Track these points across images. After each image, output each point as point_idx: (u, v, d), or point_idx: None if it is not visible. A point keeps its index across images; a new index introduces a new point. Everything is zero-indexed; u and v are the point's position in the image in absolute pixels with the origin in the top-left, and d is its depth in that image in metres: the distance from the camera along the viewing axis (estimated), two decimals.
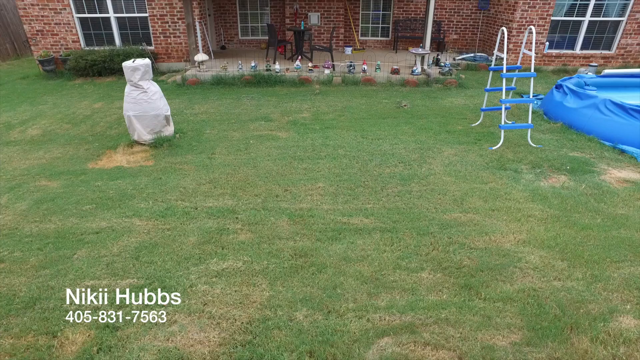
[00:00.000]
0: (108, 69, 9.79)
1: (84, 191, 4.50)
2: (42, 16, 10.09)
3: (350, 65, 9.22)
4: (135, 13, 10.16)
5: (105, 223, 3.88)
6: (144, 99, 5.47)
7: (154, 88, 5.58)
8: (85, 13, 10.15)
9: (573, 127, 6.30)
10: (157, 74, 9.88)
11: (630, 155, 5.34)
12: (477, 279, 3.12)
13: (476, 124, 6.58)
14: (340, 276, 3.16)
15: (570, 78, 7.35)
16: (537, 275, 3.17)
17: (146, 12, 10.11)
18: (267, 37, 11.65)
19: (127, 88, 5.51)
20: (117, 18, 10.20)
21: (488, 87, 6.39)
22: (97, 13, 10.15)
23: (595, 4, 10.25)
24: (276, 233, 3.71)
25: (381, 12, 12.34)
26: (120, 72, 9.55)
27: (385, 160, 5.22)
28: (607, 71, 7.74)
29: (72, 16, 10.10)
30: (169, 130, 5.88)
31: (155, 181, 4.71)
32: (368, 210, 4.08)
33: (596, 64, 9.95)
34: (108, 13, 10.13)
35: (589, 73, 8.64)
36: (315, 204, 4.18)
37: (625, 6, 10.29)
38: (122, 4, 10.08)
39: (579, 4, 10.30)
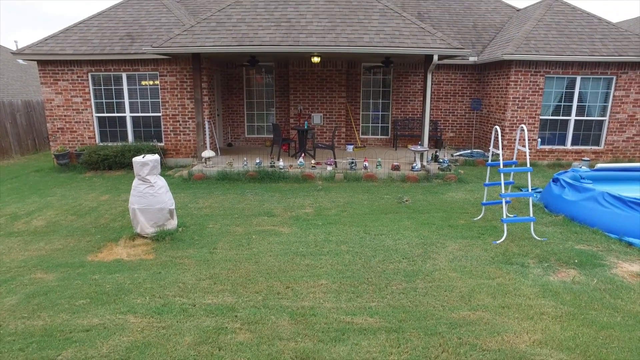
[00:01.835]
0: (118, 163, 10.18)
1: (79, 285, 4.37)
2: (65, 115, 10.82)
3: (352, 162, 9.57)
4: (149, 113, 10.88)
5: (97, 320, 3.70)
6: (150, 192, 5.59)
7: (160, 182, 5.74)
8: (103, 113, 10.89)
9: (575, 219, 6.33)
10: (165, 169, 10.24)
11: (639, 248, 5.27)
12: None
13: (478, 218, 6.61)
14: None
15: (566, 172, 7.60)
16: None
17: (160, 112, 10.83)
18: (272, 136, 12.31)
19: (135, 182, 5.66)
20: (132, 117, 10.91)
21: (487, 181, 6.55)
22: (114, 113, 10.89)
23: (578, 105, 11.05)
24: (277, 333, 3.51)
25: (380, 113, 13.17)
26: (129, 166, 9.93)
27: (388, 256, 5.15)
28: (599, 165, 8.02)
29: (92, 115, 10.82)
30: (172, 224, 5.91)
31: (154, 275, 4.60)
32: (372, 308, 3.91)
33: (588, 159, 10.37)
34: (124, 113, 10.86)
35: (582, 167, 8.95)
36: (317, 302, 4.02)
37: (605, 107, 11.10)
38: (139, 105, 10.85)
39: (563, 105, 11.10)
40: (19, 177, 10.09)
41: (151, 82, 10.74)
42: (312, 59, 10.59)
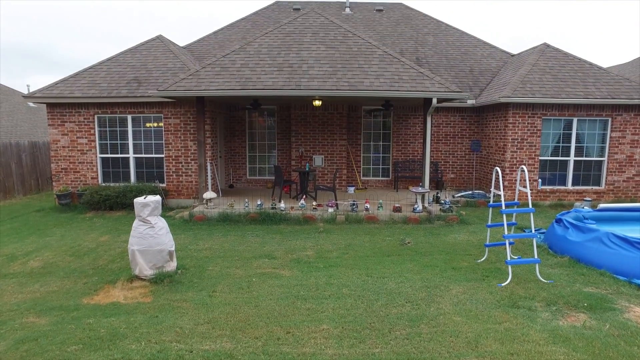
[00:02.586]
0: (120, 204, 10.18)
1: (72, 329, 4.23)
2: (70, 156, 10.96)
3: (353, 204, 9.55)
4: (152, 154, 11.01)
5: None
6: (150, 233, 5.55)
7: (161, 223, 5.71)
8: (107, 154, 11.03)
9: (581, 260, 6.22)
10: (166, 210, 10.21)
11: None
12: None
13: (482, 259, 6.50)
14: None
15: (569, 212, 7.56)
16: None
17: (162, 154, 10.96)
18: (273, 177, 12.37)
19: (135, 223, 5.63)
20: (136, 158, 11.04)
21: (489, 222, 6.50)
22: (118, 154, 11.02)
23: (576, 146, 11.19)
24: None
25: (381, 155, 13.31)
26: (130, 206, 9.90)
27: (391, 299, 5.02)
28: (602, 205, 7.98)
29: (96, 156, 10.96)
30: (172, 265, 5.81)
31: (151, 319, 4.46)
32: (376, 355, 3.75)
33: (590, 199, 10.34)
34: (128, 154, 11.00)
35: (585, 207, 8.91)
36: (319, 348, 3.87)
37: (603, 148, 11.23)
38: (142, 146, 11.01)
39: (562, 145, 11.23)
40: (20, 216, 10.06)
41: (155, 124, 10.95)
42: (314, 103, 10.84)
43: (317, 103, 10.83)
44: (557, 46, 12.68)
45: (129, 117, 10.90)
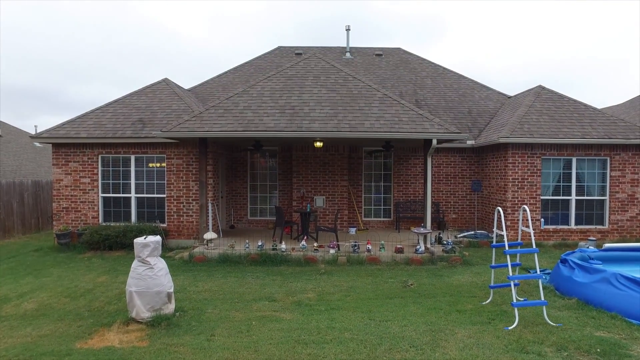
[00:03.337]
0: (119, 244, 10.09)
1: None
2: (72, 195, 11.01)
3: (355, 245, 9.45)
4: (154, 194, 11.04)
5: None
6: (149, 274, 5.46)
7: (160, 264, 5.63)
8: (109, 193, 11.07)
9: (589, 302, 6.05)
10: (166, 250, 10.09)
11: None
12: None
13: (487, 302, 6.34)
14: None
15: (573, 252, 7.45)
16: None
17: (164, 194, 10.99)
18: (274, 218, 12.31)
19: (134, 263, 5.56)
20: (137, 198, 11.06)
21: (493, 263, 6.40)
22: (120, 193, 11.06)
23: (577, 185, 11.21)
24: None
25: (382, 195, 13.32)
26: (130, 246, 9.80)
27: (395, 344, 4.85)
28: (608, 245, 7.87)
29: (98, 195, 10.99)
30: (170, 308, 5.67)
31: None
32: None
33: (594, 238, 10.21)
34: (130, 194, 11.03)
35: (589, 247, 8.78)
36: None
37: (604, 187, 11.25)
38: (144, 186, 11.06)
39: (563, 185, 11.26)
40: (18, 256, 9.94)
41: (158, 164, 11.06)
42: (315, 144, 10.99)
43: (319, 144, 10.97)
44: (552, 88, 12.98)
45: (133, 157, 11.02)
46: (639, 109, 18.13)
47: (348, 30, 17.64)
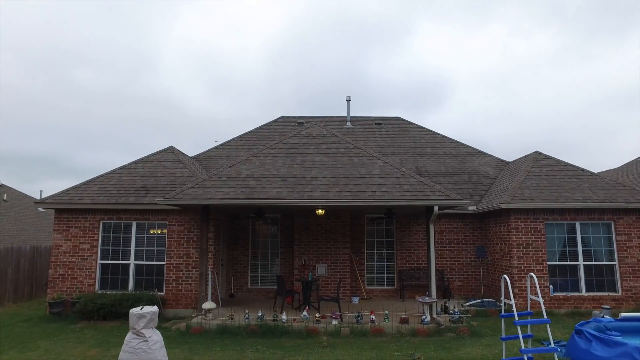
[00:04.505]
0: (114, 313, 9.71)
1: None
2: (70, 262, 10.86)
3: (358, 316, 9.11)
4: (153, 261, 10.87)
5: None
6: (143, 348, 5.20)
7: (155, 337, 5.39)
8: (108, 260, 10.91)
9: None
10: (163, 320, 9.71)
11: None
12: None
13: None
14: None
15: (588, 322, 7.06)
16: None
17: (164, 261, 10.82)
18: (275, 287, 11.98)
19: (128, 336, 5.32)
20: (136, 265, 10.87)
21: (503, 334, 6.11)
22: (119, 260, 10.90)
23: (583, 250, 11.00)
24: None
25: (385, 263, 13.06)
26: (125, 316, 9.44)
27: None
28: (624, 314, 7.49)
29: (96, 262, 10.83)
30: None
31: None
32: None
33: (609, 307, 9.79)
34: (129, 260, 10.86)
35: (605, 316, 8.36)
36: None
37: (611, 252, 11.03)
38: (144, 253, 10.92)
39: (569, 250, 11.06)
40: (4, 327, 9.53)
41: (159, 231, 11.01)
42: (317, 212, 11.01)
43: (320, 212, 10.99)
44: (549, 154, 13.26)
45: (134, 224, 11.01)
46: (636, 172, 18.39)
47: (348, 100, 18.46)
